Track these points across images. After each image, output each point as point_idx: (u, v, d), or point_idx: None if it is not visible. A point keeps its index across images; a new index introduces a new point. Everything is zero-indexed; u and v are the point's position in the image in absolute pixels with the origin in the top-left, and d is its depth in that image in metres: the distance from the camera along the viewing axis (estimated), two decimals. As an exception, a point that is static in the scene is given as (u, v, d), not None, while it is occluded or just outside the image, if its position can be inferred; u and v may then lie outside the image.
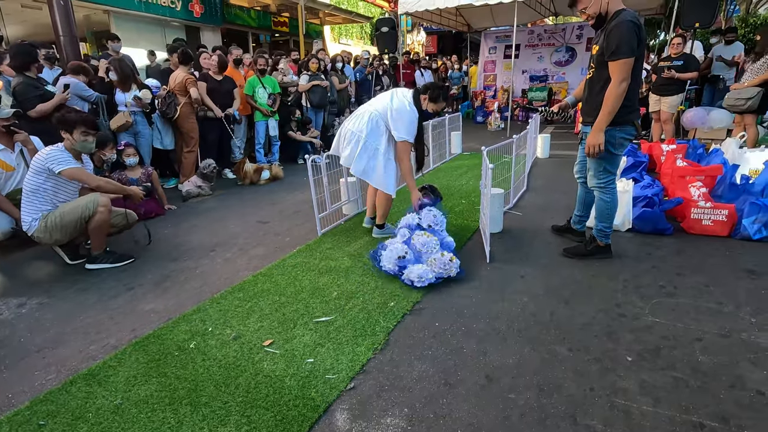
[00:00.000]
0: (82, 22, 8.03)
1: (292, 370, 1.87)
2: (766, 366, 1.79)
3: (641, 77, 2.50)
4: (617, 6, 2.40)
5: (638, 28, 2.29)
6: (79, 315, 2.42)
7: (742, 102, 4.91)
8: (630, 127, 2.53)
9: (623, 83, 2.34)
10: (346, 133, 3.12)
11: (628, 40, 2.27)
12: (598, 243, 2.82)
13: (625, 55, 2.29)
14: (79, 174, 2.91)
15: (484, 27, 11.54)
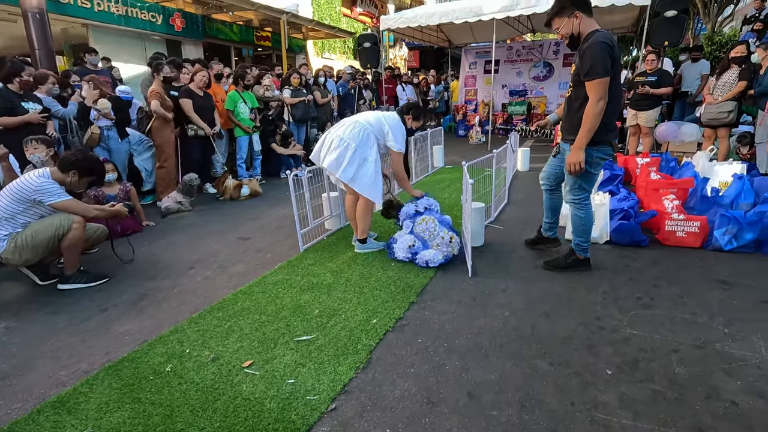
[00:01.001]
0: (60, 35, 7.90)
1: (272, 392, 1.83)
2: (740, 376, 1.84)
3: (620, 98, 2.52)
4: (590, 27, 2.43)
5: (611, 48, 2.31)
6: (49, 339, 2.33)
7: (725, 115, 5.13)
8: (607, 147, 2.55)
9: (600, 102, 2.37)
10: (333, 138, 3.13)
11: (601, 60, 2.30)
12: (577, 256, 2.86)
13: (598, 75, 2.32)
14: (73, 206, 2.84)
15: (464, 43, 11.80)
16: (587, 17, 2.43)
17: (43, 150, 3.51)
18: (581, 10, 2.41)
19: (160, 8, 8.44)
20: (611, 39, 2.35)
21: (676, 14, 6.45)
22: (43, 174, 2.79)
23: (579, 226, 2.77)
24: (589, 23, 2.43)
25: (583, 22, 2.42)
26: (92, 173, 2.98)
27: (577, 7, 2.41)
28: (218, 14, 9.98)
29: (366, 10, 17.01)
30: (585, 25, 2.43)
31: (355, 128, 3.11)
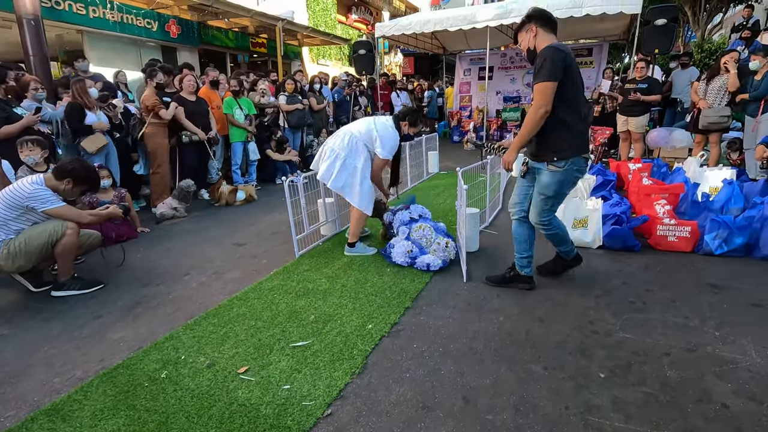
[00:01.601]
0: (55, 41, 7.89)
1: (268, 398, 1.83)
2: (730, 379, 1.86)
3: (582, 107, 2.34)
4: (546, 41, 2.34)
5: (564, 54, 2.21)
6: (42, 346, 2.31)
7: (725, 120, 5.21)
8: (580, 160, 2.39)
9: (540, 109, 2.24)
10: (327, 149, 3.30)
11: (549, 64, 2.20)
12: (566, 260, 2.80)
13: (542, 77, 2.21)
14: (66, 213, 2.84)
15: (458, 50, 11.91)
16: (544, 32, 2.35)
17: (38, 152, 3.49)
18: (537, 24, 2.35)
19: (155, 15, 8.46)
20: (565, 47, 2.29)
21: (666, 22, 6.57)
22: (36, 181, 2.79)
23: (557, 239, 2.66)
24: (545, 38, 2.35)
25: (539, 36, 2.36)
26: (87, 182, 2.98)
27: (534, 21, 2.36)
28: (214, 21, 10.01)
29: (361, 17, 17.14)
30: (541, 39, 2.35)
31: (344, 138, 3.24)
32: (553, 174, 2.36)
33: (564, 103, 2.26)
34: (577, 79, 2.31)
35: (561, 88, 2.23)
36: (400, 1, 18.96)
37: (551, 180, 2.39)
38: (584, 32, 10.38)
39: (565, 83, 2.23)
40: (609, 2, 6.81)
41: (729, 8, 13.84)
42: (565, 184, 2.41)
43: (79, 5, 7.12)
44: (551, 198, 2.46)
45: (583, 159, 2.39)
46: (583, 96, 2.37)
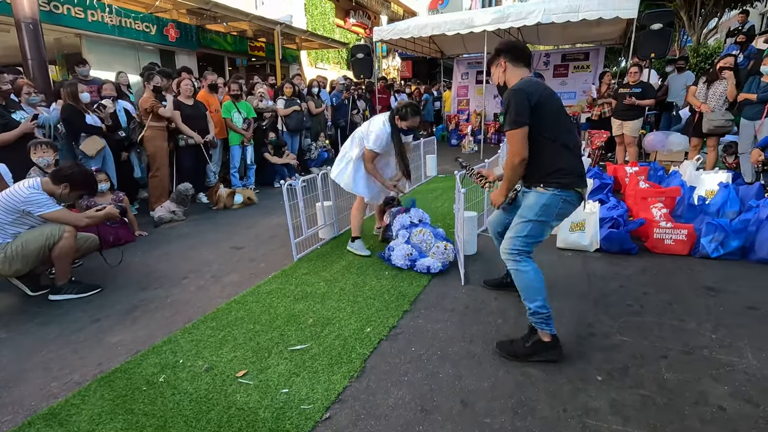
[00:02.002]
0: (53, 45, 7.88)
1: (267, 402, 1.83)
2: (727, 381, 1.87)
3: (568, 136, 2.09)
4: (516, 77, 2.14)
5: (528, 94, 1.98)
6: (40, 350, 2.31)
7: (730, 123, 5.24)
8: (571, 193, 2.08)
9: (516, 158, 2.02)
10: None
11: (513, 109, 1.98)
12: (540, 336, 2.09)
13: (509, 126, 2.01)
14: (64, 217, 2.83)
15: (456, 54, 11.96)
16: (513, 66, 2.16)
17: (51, 154, 3.56)
18: (507, 59, 2.16)
19: (154, 19, 8.47)
20: (531, 84, 2.05)
21: (662, 27, 6.62)
22: (32, 185, 2.78)
23: (527, 284, 2.09)
24: (515, 73, 2.15)
25: (509, 71, 2.17)
26: (85, 187, 2.98)
27: (503, 55, 2.17)
28: (212, 25, 10.03)
29: (359, 21, 17.20)
30: (510, 74, 2.17)
31: (351, 138, 3.54)
32: (540, 195, 2.09)
33: (545, 139, 2.04)
34: (555, 110, 2.07)
35: (537, 126, 2.01)
36: (397, 5, 19.04)
37: (536, 200, 2.09)
38: (581, 36, 10.45)
39: (540, 121, 2.01)
40: (605, 7, 6.86)
41: (724, 13, 13.96)
42: (550, 210, 2.07)
43: (77, 9, 7.13)
44: (530, 223, 2.08)
45: (576, 193, 2.10)
46: (567, 126, 2.13)
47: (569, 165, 2.07)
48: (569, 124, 2.16)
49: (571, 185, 2.08)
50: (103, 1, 7.38)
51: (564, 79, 10.53)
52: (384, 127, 3.27)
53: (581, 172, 2.14)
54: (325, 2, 14.55)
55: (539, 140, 2.04)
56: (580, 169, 2.13)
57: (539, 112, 2.00)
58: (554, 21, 7.23)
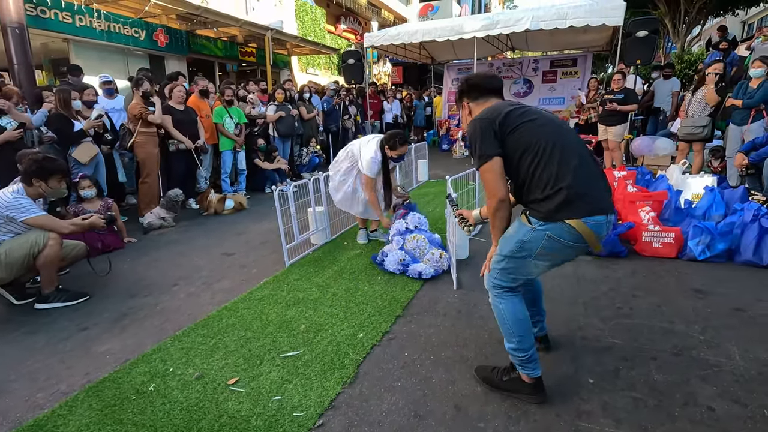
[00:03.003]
0: (40, 49, 7.78)
1: (259, 410, 1.81)
2: (715, 382, 1.90)
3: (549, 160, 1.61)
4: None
5: (489, 121, 1.67)
6: (26, 360, 2.26)
7: (701, 130, 5.36)
8: (558, 227, 1.60)
9: (492, 200, 1.69)
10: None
11: (476, 143, 1.68)
12: (519, 375, 1.83)
13: (476, 162, 1.70)
14: (46, 222, 2.77)
15: (446, 60, 12.07)
16: (478, 105, 1.85)
17: (93, 187, 3.97)
18: (469, 100, 1.88)
19: (143, 24, 8.42)
20: (491, 108, 1.73)
21: (647, 34, 6.77)
22: (17, 190, 2.75)
23: (500, 323, 1.83)
24: (478, 108, 1.84)
25: (474, 112, 1.86)
26: (53, 172, 2.83)
27: (465, 97, 1.90)
28: (202, 30, 10.00)
29: (350, 27, 17.28)
30: (476, 110, 1.86)
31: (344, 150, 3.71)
32: (519, 226, 1.72)
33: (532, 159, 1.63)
34: (538, 123, 1.66)
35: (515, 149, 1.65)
36: (388, 11, 19.18)
37: (514, 232, 1.73)
38: (569, 43, 10.63)
39: (516, 143, 1.65)
40: (592, 15, 7.00)
41: (707, 21, 14.31)
42: (529, 247, 1.68)
43: (65, 14, 7.05)
44: (505, 258, 1.75)
45: (566, 227, 1.59)
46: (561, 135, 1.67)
47: (568, 186, 1.56)
48: (565, 136, 1.67)
49: (559, 214, 1.58)
50: (91, 6, 7.31)
51: (553, 85, 10.67)
52: (375, 155, 3.40)
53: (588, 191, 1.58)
54: (315, 8, 14.60)
55: (523, 163, 1.65)
56: (588, 189, 1.58)
57: (512, 132, 1.65)
58: (542, 28, 7.35)
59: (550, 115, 1.75)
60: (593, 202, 1.58)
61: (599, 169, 1.70)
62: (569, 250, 1.66)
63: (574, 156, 1.61)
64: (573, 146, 1.64)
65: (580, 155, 1.62)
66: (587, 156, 1.66)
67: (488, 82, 1.86)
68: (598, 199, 1.60)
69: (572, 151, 1.62)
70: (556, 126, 1.70)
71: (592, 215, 1.57)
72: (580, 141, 1.71)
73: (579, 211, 1.57)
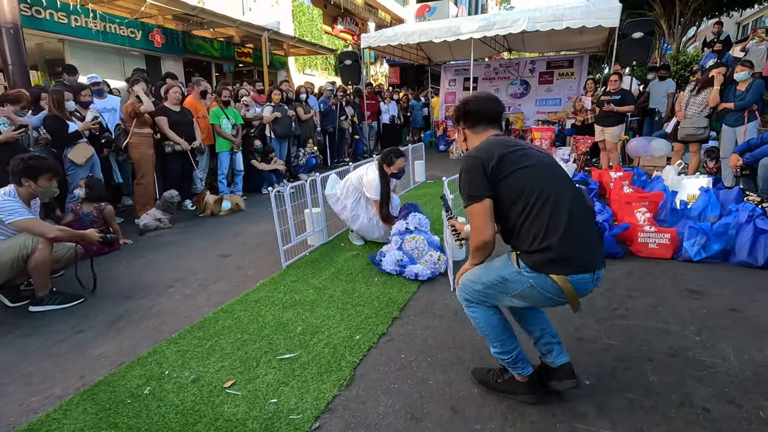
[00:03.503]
0: (35, 50, 7.74)
1: (255, 412, 1.81)
2: (711, 383, 1.91)
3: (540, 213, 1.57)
4: (473, 144, 1.81)
5: (481, 161, 1.63)
6: (19, 363, 2.24)
7: (701, 131, 5.39)
8: (544, 279, 1.58)
9: (476, 238, 1.69)
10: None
11: (465, 182, 1.66)
12: (513, 376, 1.84)
13: (465, 201, 1.68)
14: (32, 225, 2.74)
15: (443, 60, 12.09)
16: (473, 133, 1.83)
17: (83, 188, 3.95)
18: (466, 126, 1.85)
19: (139, 24, 8.39)
20: (486, 146, 1.69)
21: (643, 36, 6.80)
22: (7, 192, 2.74)
23: (479, 330, 1.83)
24: (476, 139, 1.81)
25: (470, 138, 1.85)
26: (41, 170, 2.80)
27: (461, 123, 1.87)
28: (199, 30, 9.97)
29: (347, 28, 17.27)
30: (471, 141, 1.84)
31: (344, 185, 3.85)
32: (508, 263, 1.69)
33: (523, 208, 1.60)
34: (537, 170, 1.62)
35: (506, 194, 1.62)
36: (385, 12, 19.19)
37: (500, 265, 1.72)
38: (565, 44, 10.67)
39: (509, 189, 1.61)
40: (588, 16, 7.03)
41: (702, 22, 14.39)
42: (510, 287, 1.67)
43: (60, 14, 7.02)
44: (482, 285, 1.74)
45: (550, 281, 1.57)
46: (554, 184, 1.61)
47: (558, 244, 1.53)
48: (558, 184, 1.62)
49: (548, 268, 1.56)
50: (86, 6, 7.28)
51: (549, 86, 10.71)
52: (378, 178, 3.64)
53: (574, 254, 1.55)
54: (312, 9, 14.59)
55: (513, 211, 1.62)
56: (574, 251, 1.55)
57: (505, 178, 1.61)
58: (539, 29, 7.37)
59: (545, 159, 1.70)
60: (580, 262, 1.57)
61: (590, 216, 1.68)
62: (548, 300, 1.66)
63: (565, 209, 1.57)
64: (565, 197, 1.60)
65: (571, 207, 1.58)
66: (579, 205, 1.62)
67: (487, 110, 1.81)
68: (585, 258, 1.58)
69: (564, 203, 1.58)
70: (550, 173, 1.65)
71: (578, 274, 1.57)
72: (574, 187, 1.68)
73: (565, 269, 1.56)
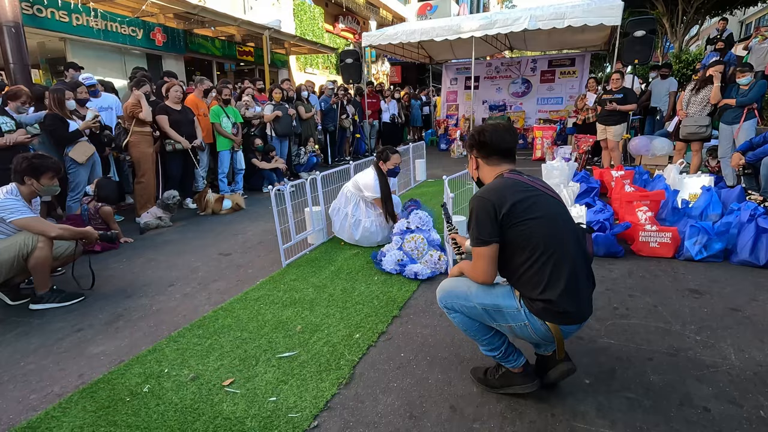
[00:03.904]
0: (36, 49, 7.77)
1: (254, 411, 1.81)
2: (711, 383, 1.90)
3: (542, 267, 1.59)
4: (489, 177, 1.81)
5: (492, 204, 1.61)
6: (19, 361, 2.25)
7: (704, 129, 5.37)
8: (538, 324, 1.63)
9: (476, 276, 1.72)
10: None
11: (474, 224, 1.65)
12: (507, 369, 1.85)
13: (471, 242, 1.69)
14: (34, 224, 2.75)
15: (445, 59, 12.07)
16: (486, 164, 1.81)
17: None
18: (479, 156, 1.83)
19: (140, 23, 8.40)
20: (499, 188, 1.66)
21: (645, 34, 6.77)
22: (9, 190, 2.74)
23: (463, 331, 1.86)
24: (489, 171, 1.81)
25: (482, 169, 1.84)
26: (44, 169, 2.82)
27: (474, 150, 1.84)
28: (200, 29, 9.98)
29: (348, 27, 17.27)
30: (484, 171, 1.84)
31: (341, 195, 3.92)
32: (509, 295, 1.69)
33: (527, 256, 1.62)
34: (546, 220, 1.62)
35: (514, 241, 1.63)
36: (386, 10, 19.17)
37: (500, 293, 1.71)
38: (567, 42, 10.64)
39: (517, 236, 1.62)
40: (590, 14, 7.00)
41: (705, 20, 14.34)
42: (500, 315, 1.70)
43: (61, 13, 7.03)
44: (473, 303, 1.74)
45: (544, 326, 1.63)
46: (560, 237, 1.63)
47: (557, 297, 1.57)
48: (563, 237, 1.64)
49: (548, 317, 1.61)
50: (88, 5, 7.29)
51: (551, 85, 10.68)
52: (376, 178, 3.71)
53: (571, 309, 1.60)
54: (314, 7, 14.58)
55: (517, 258, 1.64)
56: (570, 307, 1.59)
57: (514, 227, 1.61)
58: (540, 27, 7.35)
59: (554, 208, 1.69)
60: (573, 317, 1.64)
61: (587, 265, 1.73)
62: (531, 337, 1.73)
63: (566, 265, 1.61)
64: (567, 253, 1.63)
65: (572, 263, 1.62)
66: (578, 257, 1.66)
67: (502, 143, 1.77)
68: (578, 313, 1.64)
69: (566, 258, 1.61)
70: (555, 226, 1.65)
71: (569, 325, 1.66)
72: (576, 235, 1.71)
73: (563, 321, 1.64)
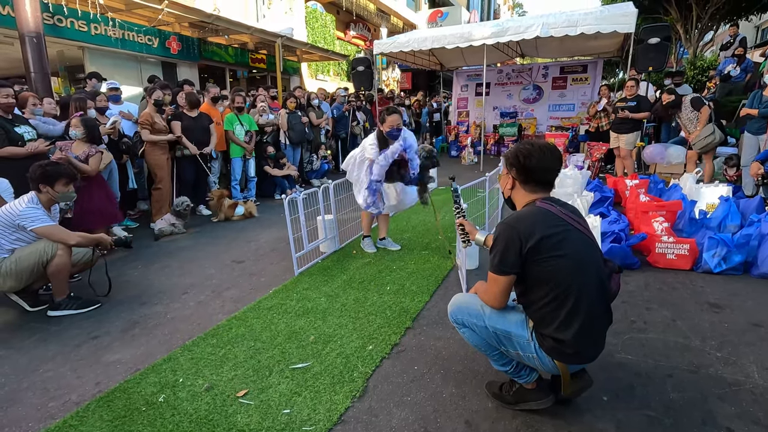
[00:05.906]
0: (55, 57, 7.95)
1: (268, 423, 1.81)
2: (734, 402, 1.85)
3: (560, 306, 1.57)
4: (524, 200, 1.74)
5: (519, 234, 1.58)
6: (37, 368, 2.28)
7: (711, 138, 5.31)
8: (547, 358, 1.63)
9: (487, 300, 1.74)
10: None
11: (497, 251, 1.63)
12: (521, 385, 1.84)
13: (491, 268, 1.67)
14: (54, 232, 2.80)
15: (455, 66, 12.07)
16: (522, 188, 1.75)
17: (81, 129, 3.84)
18: (517, 178, 1.75)
19: (156, 32, 8.55)
20: (530, 219, 1.61)
21: (659, 41, 6.69)
22: (30, 199, 2.80)
23: (475, 347, 1.85)
24: (523, 196, 1.75)
25: (516, 190, 1.78)
26: (57, 176, 2.86)
27: (512, 170, 1.76)
28: (214, 37, 10.13)
29: (359, 34, 17.40)
30: (518, 194, 1.78)
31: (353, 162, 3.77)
32: (523, 325, 1.69)
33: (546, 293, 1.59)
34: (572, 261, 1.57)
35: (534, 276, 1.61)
36: (397, 18, 19.27)
37: (514, 319, 1.71)
38: (579, 49, 10.56)
39: (539, 273, 1.58)
40: (603, 22, 6.94)
41: (719, 26, 14.14)
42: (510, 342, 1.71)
43: (81, 22, 7.20)
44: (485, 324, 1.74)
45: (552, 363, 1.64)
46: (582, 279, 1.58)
47: (570, 338, 1.56)
48: (586, 278, 1.59)
49: (557, 356, 1.62)
50: (106, 15, 7.45)
51: (563, 92, 10.61)
52: (372, 140, 3.54)
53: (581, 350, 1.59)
54: (325, 15, 14.72)
55: (536, 292, 1.62)
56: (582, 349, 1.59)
57: (538, 263, 1.57)
58: (553, 35, 7.31)
59: (581, 246, 1.62)
60: (586, 357, 1.65)
61: (606, 304, 1.68)
62: (541, 369, 1.74)
63: (584, 307, 1.57)
64: (588, 295, 1.58)
65: (590, 304, 1.58)
66: (597, 299, 1.61)
67: (545, 173, 1.71)
68: (591, 354, 1.66)
69: (585, 300, 1.57)
70: (581, 266, 1.59)
71: (577, 364, 1.68)
72: (599, 274, 1.65)
73: (571, 361, 1.65)
